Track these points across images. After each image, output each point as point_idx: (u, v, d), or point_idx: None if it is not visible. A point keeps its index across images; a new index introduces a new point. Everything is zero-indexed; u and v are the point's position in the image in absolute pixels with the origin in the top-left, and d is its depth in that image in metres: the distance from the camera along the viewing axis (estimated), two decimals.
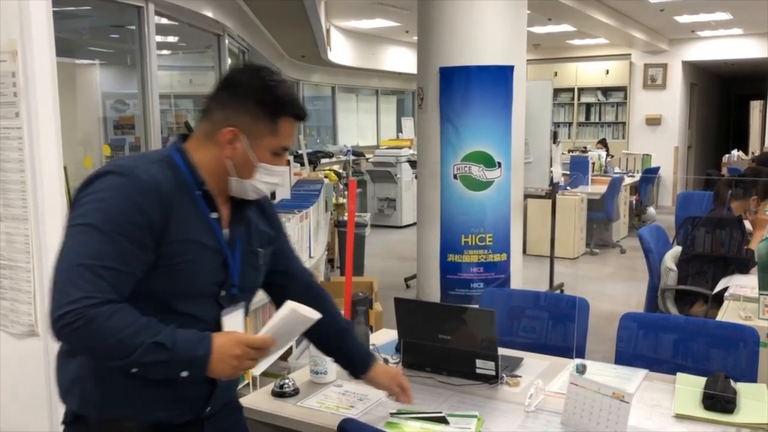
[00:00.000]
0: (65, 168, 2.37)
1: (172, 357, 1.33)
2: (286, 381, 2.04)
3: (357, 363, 1.86)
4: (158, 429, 1.49)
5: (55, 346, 1.93)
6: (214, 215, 1.50)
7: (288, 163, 1.60)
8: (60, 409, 1.94)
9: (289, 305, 1.46)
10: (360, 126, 12.30)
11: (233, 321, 1.54)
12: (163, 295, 1.42)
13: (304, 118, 1.55)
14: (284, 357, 3.00)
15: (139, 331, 1.31)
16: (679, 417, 1.86)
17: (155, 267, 1.40)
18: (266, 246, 1.67)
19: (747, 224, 3.97)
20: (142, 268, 1.38)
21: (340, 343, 1.85)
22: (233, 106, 1.48)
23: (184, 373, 1.36)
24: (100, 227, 1.33)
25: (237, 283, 1.55)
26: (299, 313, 1.46)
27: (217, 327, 1.50)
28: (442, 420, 1.82)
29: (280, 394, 2.01)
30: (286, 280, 1.77)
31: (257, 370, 1.58)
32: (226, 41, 5.72)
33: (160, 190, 1.39)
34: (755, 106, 13.55)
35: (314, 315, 1.48)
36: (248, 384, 2.61)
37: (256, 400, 2.00)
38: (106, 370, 1.43)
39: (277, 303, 1.66)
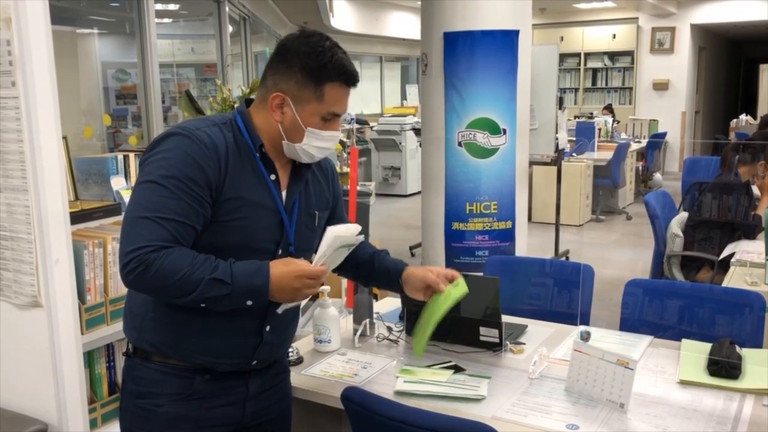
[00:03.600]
0: (65, 138, 2.35)
1: (233, 290, 1.43)
2: (290, 349, 2.04)
3: (392, 273, 1.87)
4: (206, 373, 1.58)
5: (58, 317, 1.95)
6: (272, 177, 1.59)
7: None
8: (66, 380, 1.96)
9: (332, 231, 1.55)
10: (364, 94, 12.18)
11: None
12: (223, 249, 1.49)
13: (353, 83, 1.57)
14: None
15: (196, 268, 1.41)
16: (684, 383, 1.86)
17: (213, 222, 1.50)
18: (323, 210, 1.75)
19: (754, 189, 3.94)
20: (200, 221, 1.48)
21: (372, 265, 1.89)
22: (282, 72, 1.54)
23: (249, 302, 1.47)
24: (162, 183, 1.44)
25: (293, 242, 1.63)
26: (342, 235, 1.55)
27: None
28: (455, 368, 1.89)
29: None
30: None
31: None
32: (227, 8, 5.63)
33: (217, 150, 1.49)
34: (765, 70, 13.35)
35: (355, 229, 1.58)
36: None
37: None
38: (163, 311, 1.54)
39: None
